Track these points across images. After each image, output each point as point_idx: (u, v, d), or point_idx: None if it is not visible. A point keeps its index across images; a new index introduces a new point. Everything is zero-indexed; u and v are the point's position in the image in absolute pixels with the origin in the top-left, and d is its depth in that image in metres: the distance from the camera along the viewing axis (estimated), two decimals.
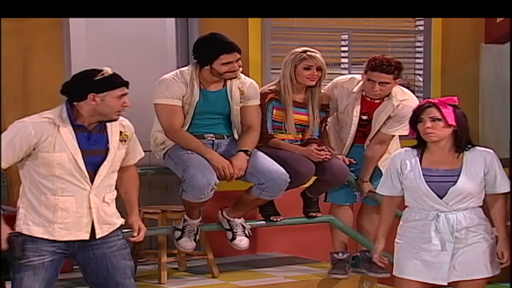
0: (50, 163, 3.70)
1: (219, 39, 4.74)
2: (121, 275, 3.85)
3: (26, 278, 3.71)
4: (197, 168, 4.62)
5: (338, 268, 5.18)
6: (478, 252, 4.02)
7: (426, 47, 6.98)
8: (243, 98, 4.87)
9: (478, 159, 4.03)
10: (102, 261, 3.82)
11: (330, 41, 6.71)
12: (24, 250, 3.70)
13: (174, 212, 5.28)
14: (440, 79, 7.02)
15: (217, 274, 5.23)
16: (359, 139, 5.24)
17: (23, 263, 3.71)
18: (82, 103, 3.74)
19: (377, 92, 5.01)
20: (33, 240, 3.73)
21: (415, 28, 7.01)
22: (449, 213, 3.99)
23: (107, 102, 3.73)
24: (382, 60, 4.95)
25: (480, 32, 7.21)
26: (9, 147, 3.70)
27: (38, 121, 3.73)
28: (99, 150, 3.78)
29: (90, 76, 3.75)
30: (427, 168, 4.02)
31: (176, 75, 4.79)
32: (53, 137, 3.71)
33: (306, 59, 4.93)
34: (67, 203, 3.74)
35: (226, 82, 4.84)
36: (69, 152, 3.71)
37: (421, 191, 4.00)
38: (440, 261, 4.00)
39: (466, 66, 7.15)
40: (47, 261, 3.74)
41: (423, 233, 4.02)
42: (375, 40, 6.85)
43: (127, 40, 5.91)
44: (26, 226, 3.75)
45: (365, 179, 5.15)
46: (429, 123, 3.97)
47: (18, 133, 3.70)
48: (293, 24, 6.43)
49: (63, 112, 3.76)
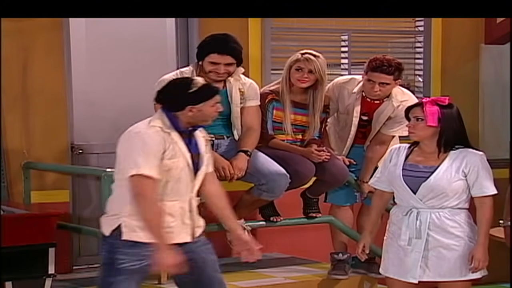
0: (171, 169, 3.76)
1: (220, 39, 4.73)
2: (211, 269, 3.93)
3: (125, 281, 3.74)
4: None
5: (338, 269, 5.18)
6: (454, 254, 4.00)
7: (426, 48, 6.98)
8: (243, 99, 4.86)
9: (459, 159, 4.03)
10: (193, 257, 3.85)
11: (330, 41, 6.71)
12: (127, 254, 3.73)
13: None
14: (440, 80, 7.02)
15: None
16: (359, 139, 5.24)
17: (124, 267, 3.73)
18: (179, 113, 3.82)
19: (377, 93, 5.01)
20: (135, 245, 3.74)
21: (415, 29, 7.01)
22: (423, 210, 4.00)
23: (203, 111, 3.83)
24: (383, 61, 4.95)
25: (480, 32, 7.21)
26: (150, 155, 3.71)
27: (154, 131, 3.77)
28: (197, 155, 3.89)
29: (184, 88, 3.82)
30: (410, 164, 4.06)
31: (177, 76, 4.78)
32: (171, 143, 3.78)
33: (300, 61, 4.93)
34: (173, 208, 3.80)
35: (226, 83, 4.83)
36: (183, 157, 3.81)
37: (397, 185, 4.04)
38: (411, 258, 4.00)
39: (466, 67, 7.15)
40: (144, 265, 3.78)
41: (399, 229, 4.05)
42: (375, 40, 6.84)
43: (127, 41, 5.91)
44: (134, 233, 3.76)
45: (365, 179, 5.15)
46: (412, 122, 4.03)
47: (149, 142, 3.72)
48: (293, 24, 6.43)
49: (165, 120, 3.82)
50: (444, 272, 4.00)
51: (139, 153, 3.71)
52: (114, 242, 3.77)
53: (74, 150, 5.71)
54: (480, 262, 3.99)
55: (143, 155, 3.70)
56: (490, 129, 7.30)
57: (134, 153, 3.72)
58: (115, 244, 3.76)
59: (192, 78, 3.91)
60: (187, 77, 4.01)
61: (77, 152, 5.72)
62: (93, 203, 5.70)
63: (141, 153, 3.71)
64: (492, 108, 7.32)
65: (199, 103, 3.80)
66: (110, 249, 3.78)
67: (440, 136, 4.02)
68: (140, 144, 3.73)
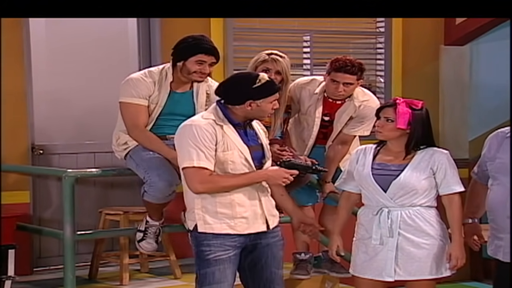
0: (225, 161, 3.86)
1: (204, 41, 4.73)
2: (276, 265, 4.04)
3: (218, 272, 3.88)
4: (159, 169, 4.60)
5: (300, 269, 5.20)
6: (425, 252, 4.03)
7: (387, 49, 7.04)
8: (208, 101, 4.86)
9: (427, 157, 4.08)
10: (265, 250, 4.00)
11: (292, 42, 6.73)
12: (210, 245, 3.88)
13: (136, 213, 5.25)
14: (401, 80, 7.09)
15: (180, 275, 5.22)
16: (320, 140, 5.26)
17: (211, 258, 3.88)
18: (237, 107, 3.90)
19: (341, 93, 5.04)
20: (216, 237, 3.89)
21: (376, 30, 7.07)
22: (394, 209, 4.03)
23: (262, 107, 3.92)
24: (346, 61, 4.99)
25: (440, 34, 7.30)
26: (202, 147, 3.82)
27: (207, 123, 3.87)
28: (256, 146, 3.99)
29: (248, 82, 3.90)
30: (378, 163, 4.09)
31: (145, 75, 4.76)
32: (223, 136, 3.87)
33: (267, 62, 4.92)
34: (242, 198, 3.91)
35: (193, 84, 4.82)
36: (238, 149, 3.89)
37: (368, 184, 4.06)
38: (384, 257, 4.03)
39: (426, 68, 7.23)
40: (232, 255, 3.91)
41: (369, 229, 4.07)
42: (336, 41, 6.89)
43: (89, 40, 5.87)
44: (208, 225, 3.89)
45: (327, 179, 5.17)
46: (381, 121, 4.07)
47: (201, 136, 3.82)
48: (255, 25, 6.44)
49: (219, 113, 3.91)
50: (414, 270, 4.03)
51: (190, 145, 3.82)
52: (197, 235, 3.90)
53: (35, 150, 5.66)
54: (458, 260, 4.03)
55: (194, 147, 3.81)
56: (450, 129, 7.39)
57: (187, 146, 3.83)
58: (199, 237, 3.90)
59: (257, 74, 3.99)
60: (251, 72, 4.13)
61: (37, 153, 5.67)
62: (54, 204, 5.65)
63: (192, 145, 3.81)
64: (452, 109, 7.42)
65: (260, 98, 3.89)
66: (196, 242, 3.92)
67: (409, 139, 4.07)
68: (192, 136, 3.83)
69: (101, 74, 5.88)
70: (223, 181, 3.86)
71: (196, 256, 3.95)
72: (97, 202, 5.71)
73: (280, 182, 3.97)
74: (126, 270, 5.07)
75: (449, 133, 7.35)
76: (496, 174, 3.95)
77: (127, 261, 5.10)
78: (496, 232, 3.94)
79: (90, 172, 5.01)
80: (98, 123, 5.81)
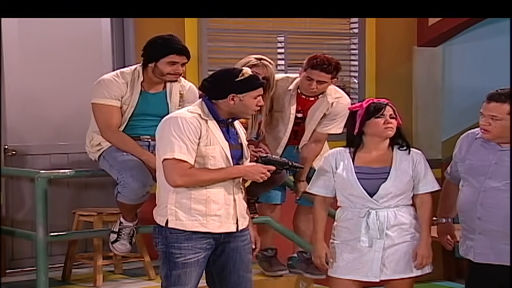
0: (206, 156, 3.84)
1: (174, 41, 4.71)
2: (244, 269, 4.00)
3: (183, 275, 3.85)
4: (133, 170, 4.58)
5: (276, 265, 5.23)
6: (408, 250, 4.08)
7: (361, 50, 7.07)
8: (182, 101, 4.84)
9: (407, 158, 4.12)
10: (233, 254, 3.96)
11: (266, 43, 6.74)
12: (181, 248, 3.83)
13: (110, 214, 5.23)
14: (374, 81, 7.12)
15: (154, 276, 5.20)
16: (292, 140, 5.27)
17: (180, 261, 3.83)
18: (221, 101, 3.88)
19: (313, 90, 5.05)
20: (188, 239, 3.83)
21: (350, 31, 7.10)
22: (380, 210, 4.05)
23: (245, 102, 3.90)
24: (323, 59, 5.01)
25: (413, 35, 7.34)
26: (184, 139, 3.79)
27: (192, 116, 3.85)
28: (236, 145, 3.98)
29: (231, 76, 3.90)
30: (359, 166, 4.10)
31: (117, 76, 4.74)
32: (207, 130, 3.85)
33: (258, 66, 4.90)
34: (218, 195, 3.88)
35: (166, 85, 4.81)
36: (220, 145, 3.88)
37: (353, 189, 4.07)
38: (371, 258, 4.05)
39: (400, 69, 7.27)
40: (201, 258, 3.88)
41: (355, 231, 4.07)
42: (311, 42, 6.90)
43: (62, 41, 5.83)
44: (180, 221, 3.85)
45: (301, 178, 5.18)
46: (389, 119, 4.07)
47: (187, 128, 3.80)
48: (230, 25, 6.44)
49: (204, 108, 3.90)
50: (401, 269, 4.07)
51: (174, 136, 3.80)
52: (168, 235, 3.85)
53: (8, 151, 5.62)
54: (424, 258, 4.07)
55: (178, 139, 3.78)
56: (423, 129, 7.43)
57: (170, 136, 3.80)
58: (169, 237, 3.85)
59: (241, 68, 3.99)
60: (236, 68, 4.10)
61: (10, 154, 5.63)
62: (27, 205, 5.61)
63: (176, 136, 3.79)
64: (425, 109, 7.46)
65: (242, 92, 3.87)
66: (166, 242, 3.86)
67: (400, 134, 4.13)
68: (177, 127, 3.81)
69: (74, 74, 5.85)
70: (202, 175, 3.83)
71: (163, 255, 3.89)
72: (71, 203, 5.68)
73: (258, 177, 3.94)
74: (99, 271, 5.05)
75: (422, 134, 7.40)
76: (466, 175, 3.99)
77: (101, 262, 5.08)
78: (467, 232, 3.98)
79: (64, 173, 4.98)
80: (71, 124, 5.78)
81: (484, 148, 3.95)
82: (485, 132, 3.90)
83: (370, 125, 4.09)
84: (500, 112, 3.85)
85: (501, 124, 3.85)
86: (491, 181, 3.86)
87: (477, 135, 4.02)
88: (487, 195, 3.86)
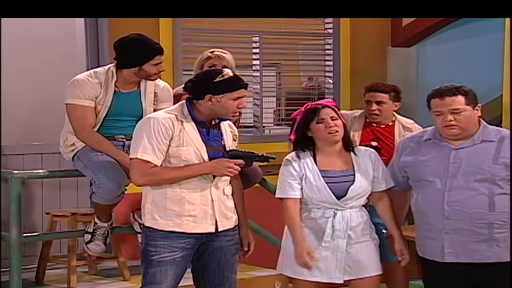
0: (178, 156, 3.83)
1: (152, 41, 4.70)
2: (229, 269, 3.99)
3: (158, 273, 3.84)
4: (108, 170, 4.56)
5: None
6: (370, 249, 4.10)
7: (336, 50, 7.10)
8: (156, 100, 4.83)
9: (366, 158, 4.14)
10: (217, 254, 3.94)
11: (241, 43, 6.75)
12: (156, 246, 3.83)
13: (84, 215, 5.21)
14: (349, 81, 7.15)
15: (128, 277, 5.19)
16: None
17: (155, 259, 3.83)
18: (200, 102, 3.88)
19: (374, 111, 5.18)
20: (164, 237, 3.83)
21: (325, 31, 7.12)
22: (344, 211, 4.06)
23: (223, 103, 3.86)
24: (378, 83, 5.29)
25: (387, 35, 7.38)
26: (152, 140, 3.79)
27: (166, 117, 3.84)
28: (218, 146, 3.94)
29: (209, 77, 3.89)
30: (325, 170, 4.08)
31: (90, 76, 4.72)
32: (180, 132, 3.84)
33: (212, 58, 4.94)
34: (193, 196, 3.86)
35: (140, 84, 4.79)
36: (194, 146, 3.85)
37: (322, 194, 4.05)
38: (334, 259, 4.05)
39: (374, 69, 7.30)
40: (178, 257, 3.86)
41: (318, 231, 4.06)
42: (285, 42, 6.92)
43: (35, 40, 5.80)
44: (155, 221, 3.86)
45: None
46: (330, 121, 4.05)
47: (156, 129, 3.80)
48: (204, 26, 6.44)
49: (184, 109, 3.89)
50: (362, 268, 4.07)
51: (142, 137, 3.82)
52: (147, 233, 3.88)
53: None
54: (403, 251, 4.09)
55: (145, 139, 3.80)
56: None
57: (139, 138, 3.83)
58: (148, 236, 3.87)
59: (222, 70, 3.96)
60: (217, 69, 4.11)
61: None
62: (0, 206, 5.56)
63: (144, 138, 3.81)
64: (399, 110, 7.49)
65: (219, 93, 3.84)
66: (145, 240, 3.89)
67: (346, 135, 4.14)
68: (147, 128, 3.82)
69: (48, 74, 5.81)
70: (165, 173, 3.83)
71: (142, 253, 3.93)
72: (45, 204, 5.65)
73: (225, 172, 3.86)
74: (74, 272, 5.02)
75: None
76: (423, 177, 3.91)
77: (75, 263, 5.06)
78: (429, 234, 3.90)
79: (37, 173, 4.95)
80: (45, 124, 5.75)
81: (437, 149, 3.91)
82: (453, 128, 3.84)
83: (314, 131, 4.08)
84: (460, 104, 3.83)
85: (465, 115, 3.83)
86: (455, 180, 3.84)
87: (423, 138, 3.99)
88: (452, 194, 3.82)
